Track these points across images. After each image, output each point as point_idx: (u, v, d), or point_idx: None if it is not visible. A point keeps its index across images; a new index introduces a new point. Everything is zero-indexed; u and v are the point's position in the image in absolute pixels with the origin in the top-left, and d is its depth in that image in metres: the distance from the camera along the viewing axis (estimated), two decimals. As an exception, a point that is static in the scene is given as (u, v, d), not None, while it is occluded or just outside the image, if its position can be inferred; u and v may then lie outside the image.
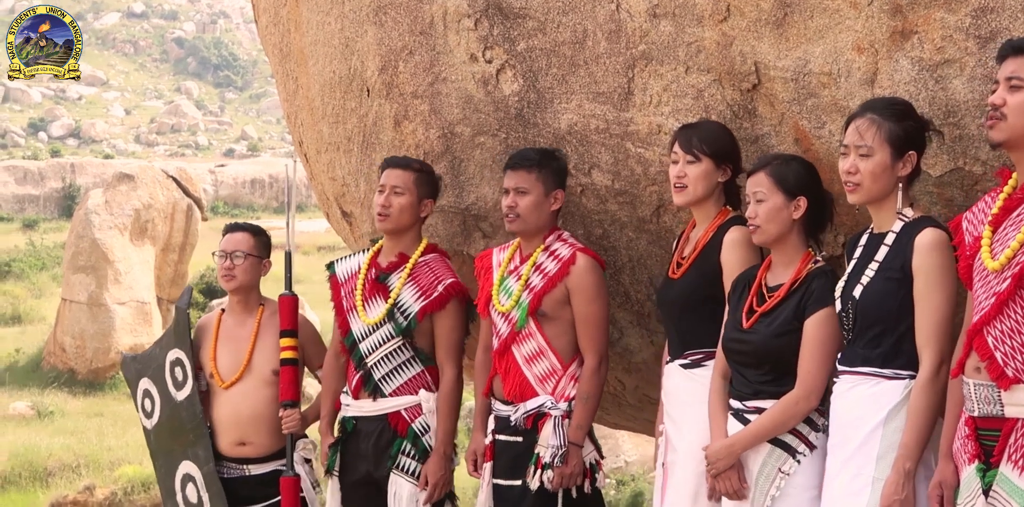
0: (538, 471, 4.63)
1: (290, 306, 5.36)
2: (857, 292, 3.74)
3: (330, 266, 5.28)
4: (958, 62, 3.77)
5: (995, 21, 3.68)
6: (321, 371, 5.45)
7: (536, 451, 4.65)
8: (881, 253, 3.73)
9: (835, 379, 3.85)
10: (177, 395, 5.52)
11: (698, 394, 4.29)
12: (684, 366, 4.39)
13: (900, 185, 3.72)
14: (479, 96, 5.05)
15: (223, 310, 5.62)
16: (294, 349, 5.34)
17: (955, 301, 3.63)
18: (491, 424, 4.85)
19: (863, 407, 3.71)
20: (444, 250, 5.20)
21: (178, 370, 5.53)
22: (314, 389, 6.40)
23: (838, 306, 3.82)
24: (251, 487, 5.39)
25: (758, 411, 4.00)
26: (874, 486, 3.65)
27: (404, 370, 5.00)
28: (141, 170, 29.47)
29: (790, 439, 3.95)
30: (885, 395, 3.68)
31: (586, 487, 4.69)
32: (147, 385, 5.67)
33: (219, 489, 5.36)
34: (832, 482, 3.79)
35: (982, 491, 3.35)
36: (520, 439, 4.71)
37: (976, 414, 3.41)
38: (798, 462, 3.94)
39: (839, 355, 3.85)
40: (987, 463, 3.37)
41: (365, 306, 5.04)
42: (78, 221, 28.17)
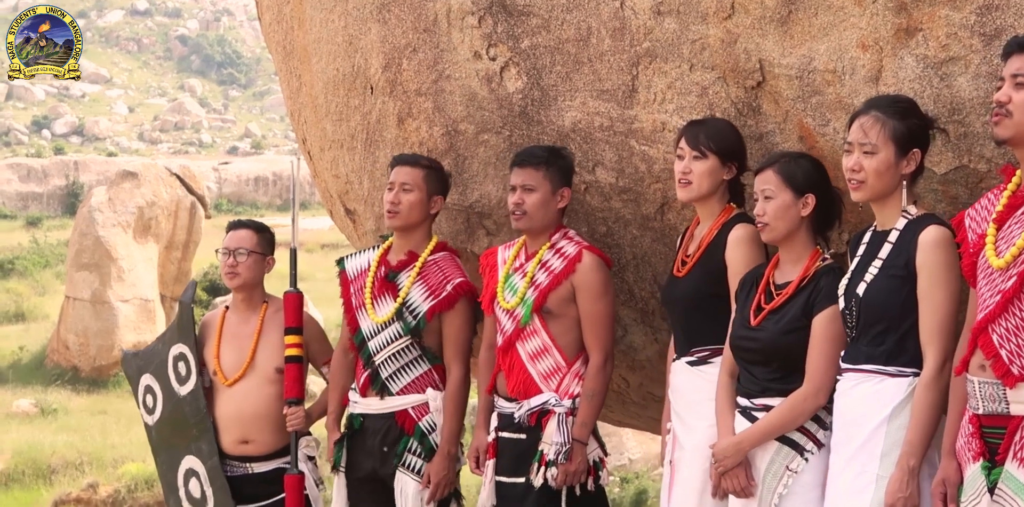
0: (542, 468, 4.62)
1: (295, 303, 5.36)
2: (861, 290, 3.73)
3: (340, 262, 5.27)
4: (963, 59, 3.76)
5: (1000, 18, 3.68)
6: (326, 368, 5.45)
7: (540, 448, 4.64)
8: (885, 251, 3.72)
9: (838, 376, 3.84)
10: (180, 390, 5.51)
11: (705, 391, 4.29)
12: (690, 363, 4.39)
13: (904, 183, 3.72)
14: (483, 94, 5.05)
15: (227, 307, 5.61)
16: (299, 346, 5.33)
17: (959, 298, 3.63)
18: (494, 421, 4.84)
19: (867, 405, 3.71)
20: (454, 248, 5.20)
21: (181, 365, 5.53)
22: (318, 387, 6.41)
23: (841, 304, 3.81)
24: (254, 485, 5.39)
25: (766, 409, 4.00)
26: (878, 484, 3.65)
27: (411, 368, 5.00)
28: (144, 168, 29.50)
29: (798, 437, 3.95)
30: (889, 393, 3.68)
31: (590, 485, 4.68)
32: (149, 381, 5.66)
33: (223, 483, 5.36)
34: (835, 480, 3.79)
35: (987, 489, 3.35)
36: (524, 436, 4.71)
37: (980, 412, 3.41)
38: (806, 460, 3.94)
39: (842, 353, 3.84)
40: (992, 461, 3.36)
41: (374, 304, 5.04)
42: (81, 219, 28.19)
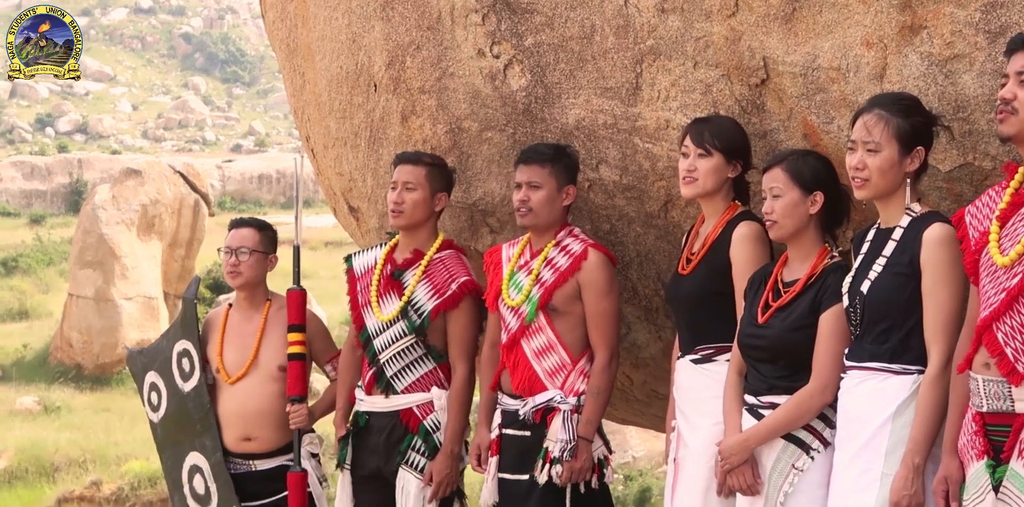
0: (547, 465, 4.62)
1: (298, 300, 5.35)
2: (865, 287, 3.73)
3: (348, 259, 5.28)
4: (967, 57, 3.75)
5: (1005, 16, 3.67)
6: (328, 366, 5.46)
7: (545, 445, 4.64)
8: (889, 248, 3.72)
9: (843, 374, 3.84)
10: (184, 386, 5.52)
11: (709, 389, 4.29)
12: (695, 361, 4.38)
13: (908, 180, 3.71)
14: (487, 91, 5.05)
15: (230, 305, 5.61)
16: (302, 344, 5.33)
17: (964, 296, 3.62)
18: (497, 418, 4.84)
19: (871, 402, 3.70)
20: (461, 246, 5.19)
21: (185, 361, 5.53)
22: (321, 384, 6.42)
23: (845, 301, 3.80)
24: (257, 483, 5.38)
25: (772, 406, 3.99)
26: (883, 481, 3.64)
27: (417, 367, 5.00)
28: (148, 165, 29.53)
29: (804, 435, 3.94)
30: (893, 390, 3.67)
31: (594, 482, 4.68)
32: (153, 378, 5.66)
33: (227, 479, 5.35)
34: (839, 477, 3.78)
35: (992, 487, 3.34)
36: (528, 433, 4.71)
37: (985, 410, 3.40)
38: (812, 458, 3.93)
39: (846, 350, 3.84)
40: (997, 459, 3.35)
41: (380, 302, 5.04)
42: (85, 216, 28.22)
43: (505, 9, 4.87)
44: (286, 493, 5.30)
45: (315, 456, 5.41)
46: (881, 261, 3.72)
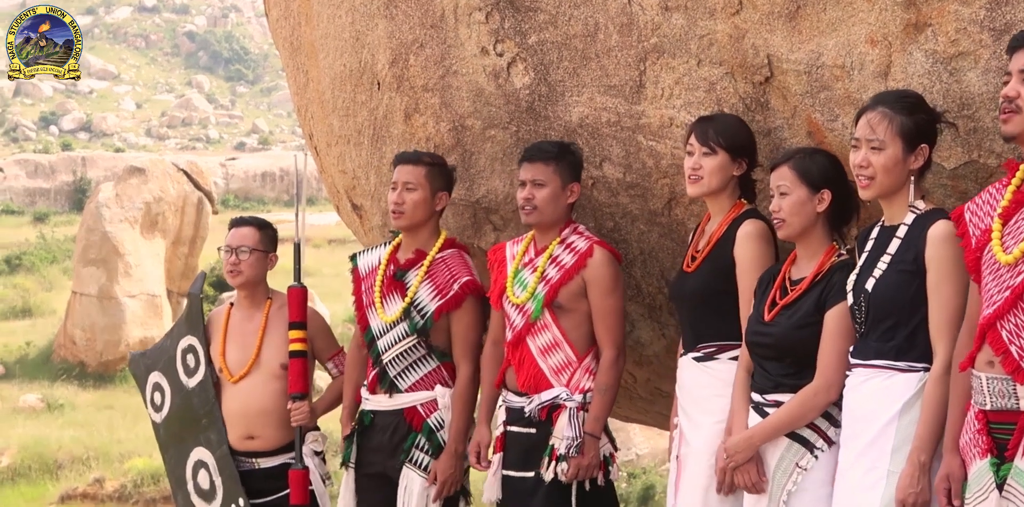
0: (552, 463, 4.62)
1: (299, 298, 5.35)
2: (869, 285, 3.72)
3: (353, 258, 5.27)
4: (972, 54, 3.74)
5: (1010, 13, 3.66)
6: (331, 363, 5.46)
7: (551, 443, 4.64)
8: (893, 246, 3.71)
9: (848, 372, 3.83)
10: (189, 382, 5.52)
11: (711, 387, 4.29)
12: (697, 359, 4.38)
13: (912, 178, 3.70)
14: (490, 89, 5.04)
15: (231, 304, 5.62)
16: (303, 341, 5.33)
17: (969, 293, 3.61)
18: (502, 415, 4.84)
19: (877, 400, 3.69)
20: (463, 244, 5.19)
21: (190, 357, 5.53)
22: (324, 382, 6.42)
23: (850, 299, 3.80)
24: (261, 481, 5.38)
25: (777, 404, 3.99)
26: (889, 479, 3.63)
27: (420, 366, 5.00)
28: (152, 163, 29.57)
29: (808, 434, 3.94)
30: (899, 388, 3.66)
31: (600, 479, 4.68)
32: (157, 378, 5.67)
33: (233, 472, 5.35)
34: (844, 476, 3.77)
35: (996, 485, 3.33)
36: (533, 430, 4.70)
37: (988, 408, 3.39)
38: (815, 457, 3.92)
39: (851, 348, 3.83)
40: (1001, 457, 3.34)
41: (383, 303, 5.04)
42: (89, 214, 28.26)
43: (509, 7, 4.86)
44: (288, 491, 5.30)
45: (319, 454, 5.41)
46: (886, 259, 3.71)
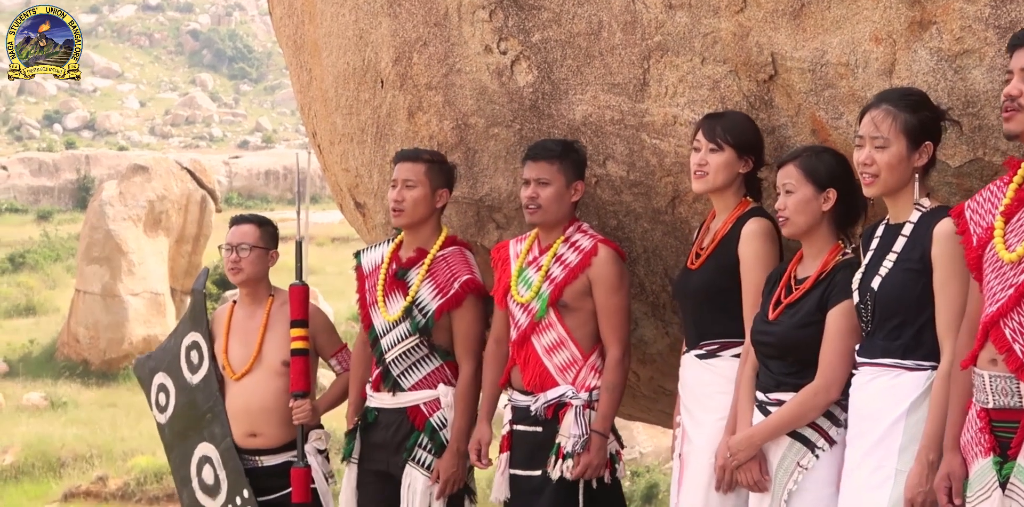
0: (559, 461, 4.61)
1: (300, 296, 5.35)
2: (875, 284, 3.71)
3: (357, 255, 5.27)
4: (977, 52, 3.74)
5: (1015, 11, 3.65)
6: (334, 360, 5.46)
7: (557, 441, 4.63)
8: (899, 244, 3.70)
9: (854, 371, 3.82)
10: (192, 379, 5.53)
11: (713, 385, 4.29)
12: (699, 357, 4.38)
13: (916, 175, 3.70)
14: (493, 87, 5.04)
15: (234, 302, 5.62)
16: (304, 339, 5.33)
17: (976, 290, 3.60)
18: (508, 414, 4.84)
19: (884, 399, 3.68)
20: (465, 242, 5.18)
21: (194, 353, 5.54)
22: (328, 379, 6.43)
23: (856, 298, 3.79)
24: (264, 479, 5.38)
25: (780, 403, 3.99)
26: (897, 478, 3.62)
27: (423, 365, 5.00)
28: (155, 162, 29.57)
29: (809, 433, 3.94)
30: (906, 386, 3.65)
31: (606, 477, 4.67)
32: (162, 379, 5.68)
33: (237, 465, 5.35)
34: (851, 475, 3.76)
35: (999, 484, 3.33)
36: (540, 429, 4.70)
37: (991, 406, 3.38)
38: (816, 457, 3.92)
39: (858, 347, 3.82)
40: (1004, 456, 3.34)
41: (386, 302, 5.04)
42: (92, 212, 28.25)
43: (512, 5, 4.86)
44: (292, 489, 5.30)
45: (321, 452, 5.41)
46: (891, 257, 3.70)
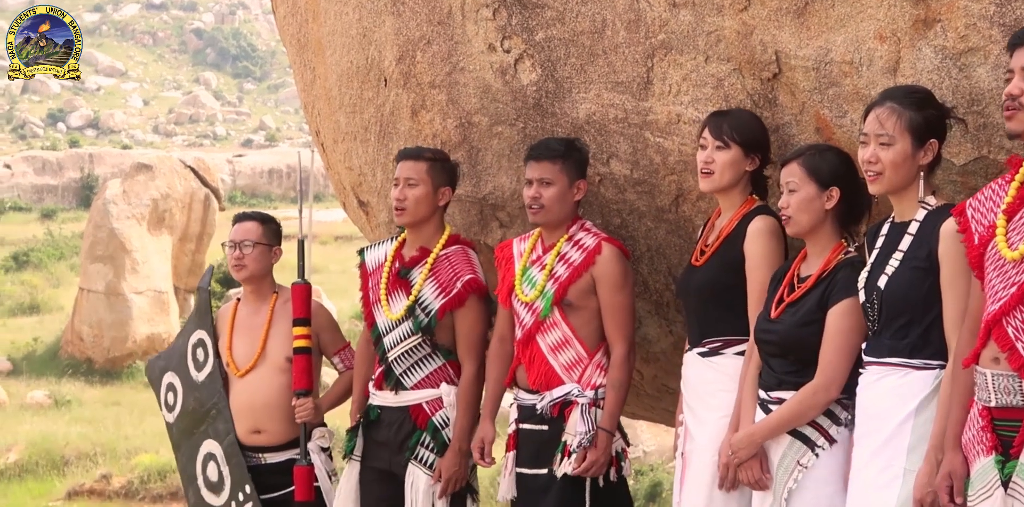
0: (565, 459, 4.61)
1: (303, 294, 5.36)
2: (882, 282, 3.69)
3: (361, 253, 5.27)
4: (982, 50, 3.73)
5: (1020, 9, 3.64)
6: (337, 358, 5.46)
7: (563, 439, 4.63)
8: (905, 242, 3.68)
9: (861, 370, 3.80)
10: (198, 376, 5.54)
11: (716, 383, 4.29)
12: (702, 355, 4.38)
13: (922, 173, 3.69)
14: (497, 86, 5.04)
15: (238, 300, 5.64)
16: (307, 338, 5.33)
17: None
18: (513, 413, 4.83)
19: (892, 398, 3.66)
20: (468, 240, 5.18)
21: (199, 351, 5.56)
22: (331, 377, 6.43)
23: (862, 297, 3.77)
24: (267, 476, 5.38)
25: (781, 402, 3.99)
26: (905, 478, 3.60)
27: (425, 364, 4.99)
28: (159, 160, 29.59)
29: (809, 432, 3.93)
30: (915, 386, 3.63)
31: (612, 475, 4.67)
32: (170, 379, 5.70)
33: (240, 460, 5.35)
34: (859, 474, 3.74)
35: (1001, 483, 3.32)
36: (546, 427, 4.70)
37: (993, 405, 3.37)
38: (816, 455, 3.92)
39: (864, 345, 3.81)
40: (1006, 454, 3.33)
41: (389, 300, 5.03)
42: (96, 211, 28.27)
43: (516, 4, 4.86)
44: (294, 487, 5.30)
45: (325, 450, 5.41)
46: (898, 256, 3.69)
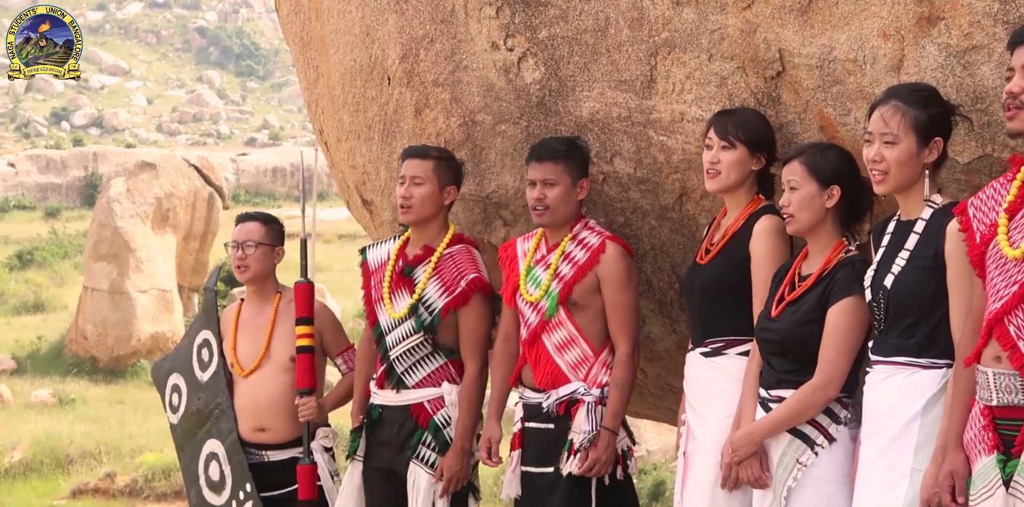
0: (571, 457, 4.61)
1: (306, 294, 5.36)
2: (888, 281, 3.68)
3: (363, 251, 5.27)
4: (986, 48, 3.72)
5: (1023, 6, 3.64)
6: (340, 358, 5.46)
7: (570, 437, 4.63)
8: (911, 241, 3.67)
9: (868, 369, 3.80)
10: (202, 376, 5.55)
11: (718, 383, 4.28)
12: (704, 354, 4.37)
13: (927, 172, 3.68)
14: (500, 84, 5.03)
15: (242, 300, 5.64)
16: (310, 337, 5.33)
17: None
18: (519, 412, 4.83)
19: (899, 397, 3.65)
20: (472, 239, 5.18)
21: (204, 351, 5.56)
22: (335, 377, 6.44)
23: (868, 295, 3.76)
24: (270, 473, 5.39)
25: (780, 400, 3.98)
26: (912, 477, 3.58)
27: (427, 363, 4.99)
28: (163, 159, 29.63)
29: (809, 430, 3.93)
30: (922, 385, 3.62)
31: (619, 473, 4.67)
32: (175, 380, 5.70)
33: (241, 459, 5.36)
34: (866, 473, 3.73)
35: (1002, 482, 3.31)
36: (552, 426, 4.70)
37: (994, 404, 3.36)
38: (816, 454, 3.91)
39: (871, 344, 3.80)
40: (1007, 453, 3.32)
41: (392, 299, 5.03)
42: (100, 210, 28.31)
43: (519, 2, 4.85)
44: (297, 486, 5.31)
45: (328, 450, 5.42)
46: (904, 254, 3.67)
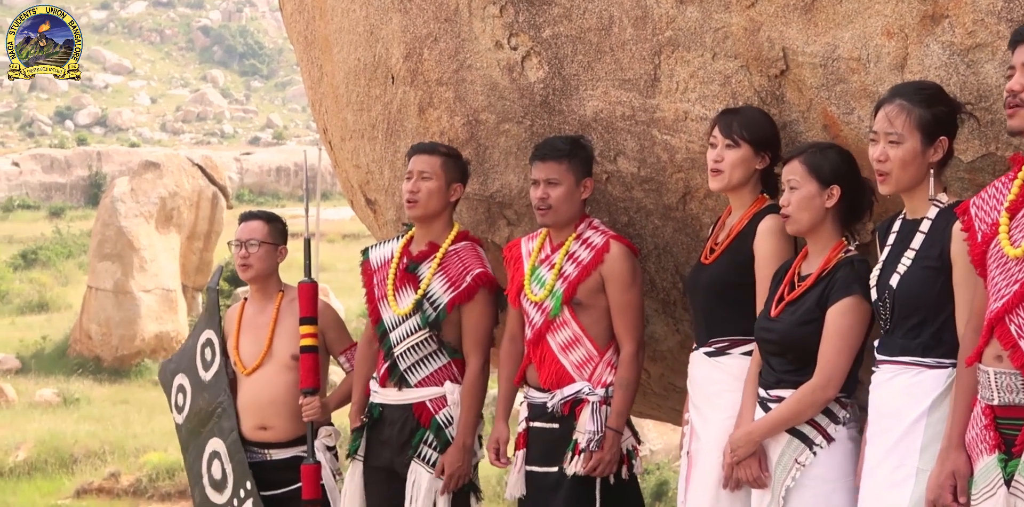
0: (576, 457, 4.61)
1: (309, 293, 5.36)
2: (894, 281, 3.67)
3: (365, 252, 5.27)
4: (990, 46, 3.72)
5: (1027, 5, 3.63)
6: (343, 358, 5.46)
7: (574, 437, 4.63)
8: (917, 241, 3.66)
9: (874, 368, 3.79)
10: (206, 376, 5.56)
11: (722, 383, 4.28)
12: (708, 354, 4.37)
13: (932, 171, 3.67)
14: (504, 83, 5.03)
15: (245, 299, 5.65)
16: (313, 336, 5.34)
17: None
18: (524, 411, 4.83)
19: (904, 397, 3.64)
20: (477, 237, 5.17)
21: (207, 351, 5.57)
22: (338, 376, 6.44)
23: (873, 295, 3.76)
24: (272, 472, 5.40)
25: (780, 400, 3.98)
26: (918, 477, 3.57)
27: (430, 361, 4.99)
28: (167, 158, 29.63)
29: (808, 430, 3.93)
30: (928, 385, 3.61)
31: (624, 473, 4.67)
32: (181, 380, 5.72)
33: (242, 458, 5.37)
34: (872, 473, 3.73)
35: (1003, 481, 3.30)
36: (556, 426, 4.70)
37: (996, 403, 3.35)
38: (814, 454, 3.91)
39: (877, 344, 3.79)
40: (1009, 453, 3.31)
41: (396, 296, 5.03)
42: (104, 209, 28.32)
43: (523, 1, 4.85)
44: (300, 484, 5.31)
45: (331, 449, 5.42)
46: (910, 254, 3.66)
